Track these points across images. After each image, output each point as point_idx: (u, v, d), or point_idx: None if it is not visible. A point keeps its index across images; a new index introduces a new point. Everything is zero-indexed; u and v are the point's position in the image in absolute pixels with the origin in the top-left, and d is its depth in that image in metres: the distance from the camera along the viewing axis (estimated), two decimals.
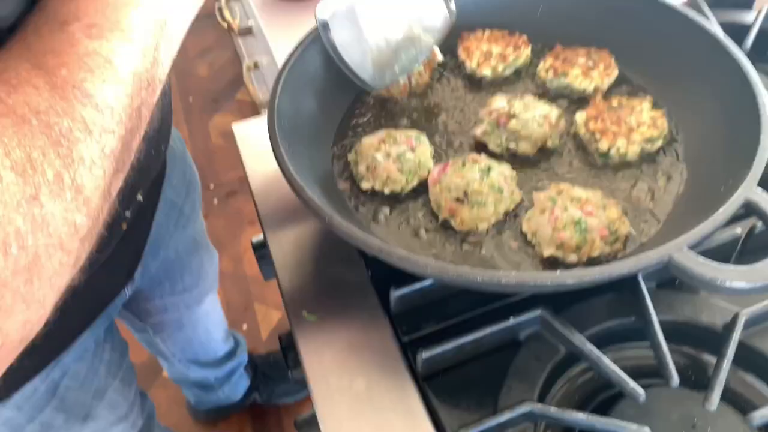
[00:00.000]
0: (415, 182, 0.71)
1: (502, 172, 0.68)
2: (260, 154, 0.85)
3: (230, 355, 1.47)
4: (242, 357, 1.53)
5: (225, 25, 1.41)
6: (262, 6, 1.17)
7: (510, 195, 0.67)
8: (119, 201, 0.40)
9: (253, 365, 1.63)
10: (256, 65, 1.40)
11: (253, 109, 2.55)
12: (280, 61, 1.01)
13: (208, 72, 2.88)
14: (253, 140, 0.88)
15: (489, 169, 0.68)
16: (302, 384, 1.67)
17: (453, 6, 0.78)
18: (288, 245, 0.75)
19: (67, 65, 0.36)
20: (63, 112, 0.35)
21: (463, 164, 0.68)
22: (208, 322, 1.31)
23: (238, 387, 1.56)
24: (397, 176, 0.69)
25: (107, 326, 0.85)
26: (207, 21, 3.16)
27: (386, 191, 0.70)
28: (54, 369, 0.74)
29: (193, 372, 1.38)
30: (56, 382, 0.76)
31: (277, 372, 1.67)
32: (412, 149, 0.71)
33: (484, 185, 0.66)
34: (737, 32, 0.88)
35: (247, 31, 1.28)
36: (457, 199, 0.66)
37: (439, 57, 0.83)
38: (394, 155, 0.70)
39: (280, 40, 1.07)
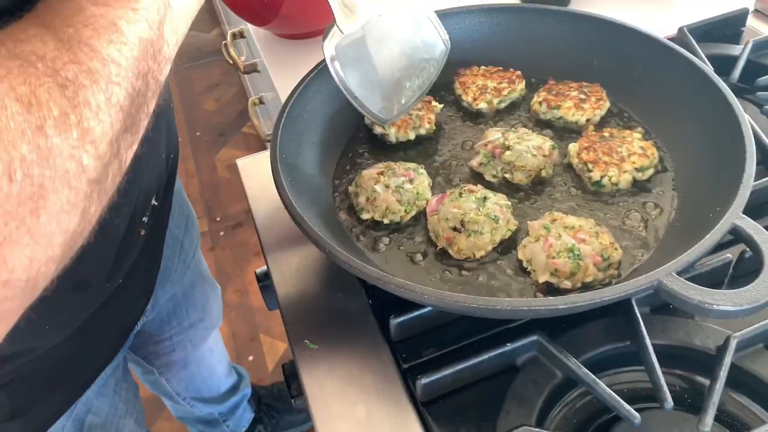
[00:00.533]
0: (413, 212, 0.73)
1: (498, 201, 0.70)
2: (263, 187, 0.88)
3: (233, 389, 1.47)
4: (245, 390, 1.53)
5: (231, 61, 1.45)
6: (266, 44, 1.21)
7: (506, 224, 0.69)
8: (136, 205, 0.40)
9: (257, 397, 1.64)
10: (260, 101, 1.43)
11: (258, 143, 2.60)
12: (283, 97, 1.04)
13: (215, 107, 2.93)
14: (256, 174, 0.91)
15: (485, 198, 0.70)
16: (305, 413, 1.67)
17: (445, 35, 0.80)
18: (290, 275, 0.77)
19: (73, 26, 0.38)
20: (69, 60, 0.36)
21: (460, 194, 0.70)
22: (212, 359, 1.32)
23: (242, 420, 1.56)
24: (396, 207, 0.72)
25: (123, 365, 0.87)
26: (214, 57, 3.21)
27: (386, 221, 0.72)
28: (78, 405, 0.75)
29: (198, 409, 1.39)
30: (81, 419, 0.77)
31: (281, 403, 1.66)
32: (411, 180, 0.74)
33: (481, 214, 0.68)
34: (724, 64, 0.91)
35: (252, 68, 1.32)
36: (455, 228, 0.68)
37: (438, 106, 0.87)
38: (393, 187, 0.72)
39: (283, 77, 1.11)
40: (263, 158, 0.93)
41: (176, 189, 0.97)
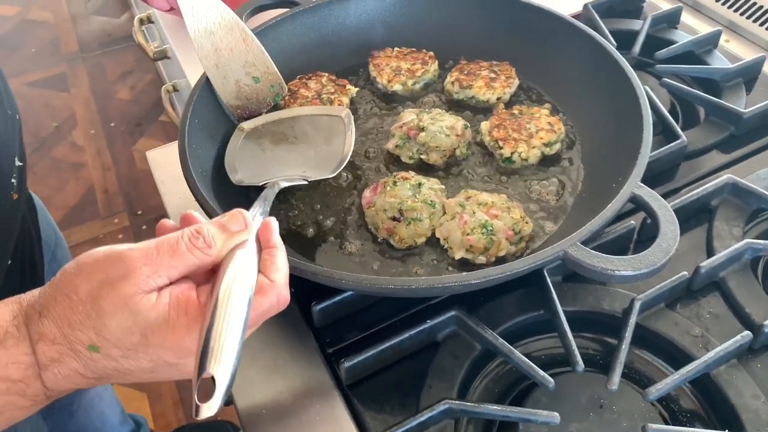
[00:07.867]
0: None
1: (432, 186, 0.71)
2: (176, 179, 0.85)
3: None
4: None
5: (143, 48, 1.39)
6: (174, 30, 1.17)
7: (441, 208, 0.70)
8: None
9: None
10: (175, 88, 1.38)
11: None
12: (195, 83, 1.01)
13: (130, 95, 2.81)
14: (168, 166, 0.88)
15: (420, 185, 0.70)
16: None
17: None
18: None
19: None
20: None
21: (395, 183, 0.70)
22: (102, 405, 1.19)
23: None
24: None
25: None
26: (126, 44, 3.04)
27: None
28: None
29: None
30: None
31: None
32: None
33: (418, 201, 0.68)
34: (627, 38, 0.95)
35: (162, 55, 1.27)
36: (394, 218, 0.67)
37: (353, 89, 0.86)
38: None
39: (193, 63, 1.07)
40: (174, 149, 0.90)
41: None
